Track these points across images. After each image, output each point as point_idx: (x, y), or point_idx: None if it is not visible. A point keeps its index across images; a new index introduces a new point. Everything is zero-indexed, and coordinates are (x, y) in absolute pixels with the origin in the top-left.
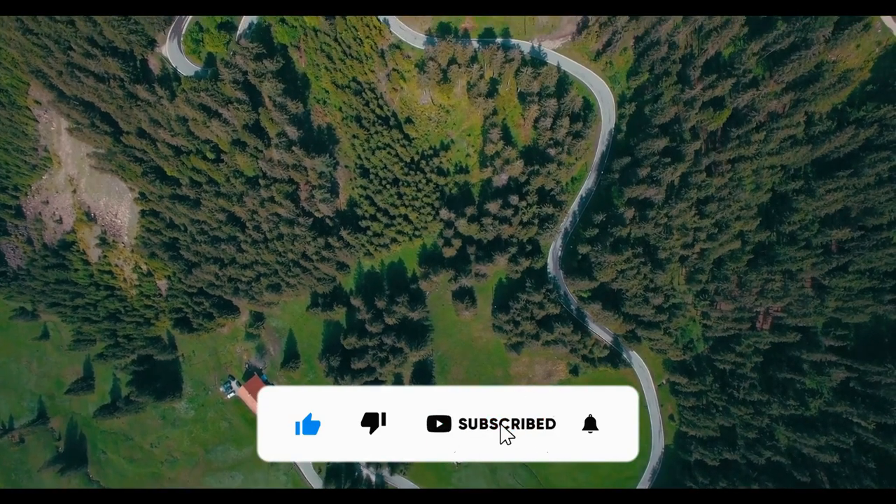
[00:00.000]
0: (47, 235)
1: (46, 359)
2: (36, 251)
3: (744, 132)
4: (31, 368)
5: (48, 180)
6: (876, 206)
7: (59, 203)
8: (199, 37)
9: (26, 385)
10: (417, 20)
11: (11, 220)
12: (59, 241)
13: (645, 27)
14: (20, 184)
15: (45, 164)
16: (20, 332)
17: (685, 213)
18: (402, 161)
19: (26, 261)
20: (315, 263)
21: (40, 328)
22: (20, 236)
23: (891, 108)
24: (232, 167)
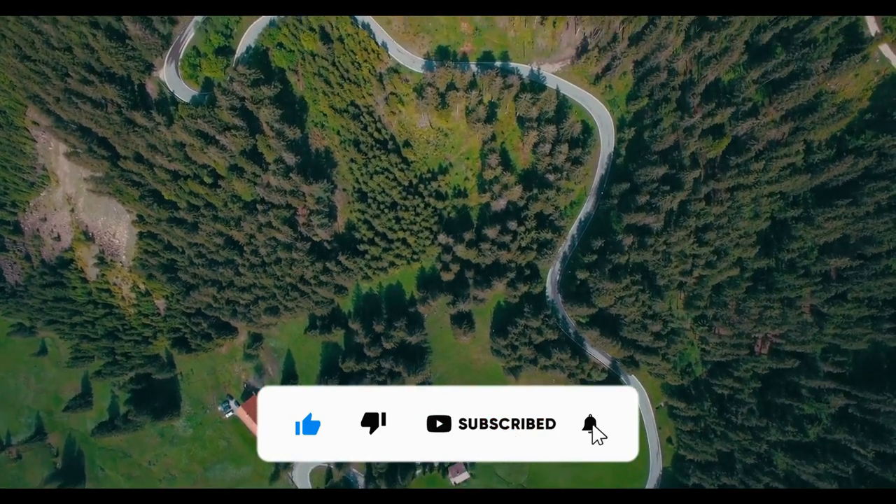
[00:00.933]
0: (45, 252)
1: (44, 374)
2: (34, 267)
3: (743, 161)
4: (28, 384)
5: (46, 197)
6: (875, 234)
7: (58, 220)
8: (197, 61)
9: (24, 401)
10: (416, 43)
11: (9, 236)
12: (58, 258)
13: (644, 52)
14: (18, 200)
15: (44, 182)
16: (18, 348)
17: (684, 240)
18: (401, 185)
19: (24, 277)
20: (313, 287)
21: (38, 344)
22: (18, 252)
23: (889, 139)
24: (229, 192)
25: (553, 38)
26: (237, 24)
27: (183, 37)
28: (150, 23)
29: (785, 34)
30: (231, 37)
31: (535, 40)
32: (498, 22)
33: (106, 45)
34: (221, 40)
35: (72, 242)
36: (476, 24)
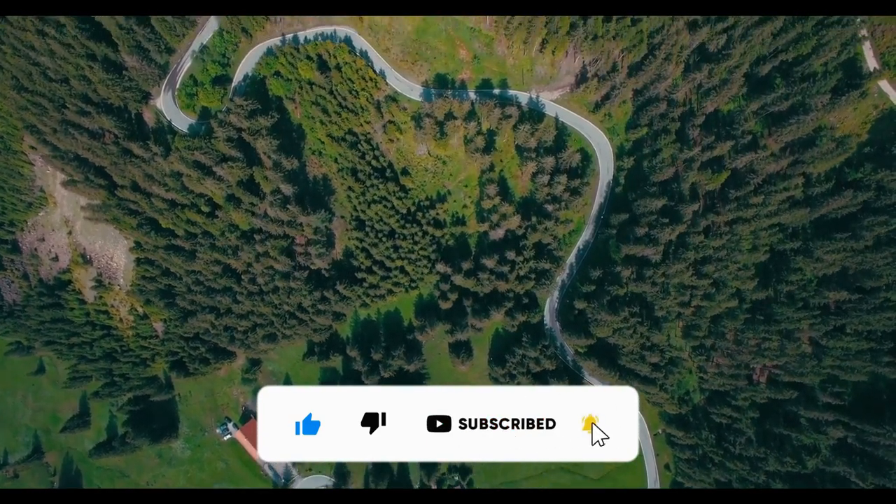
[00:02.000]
0: (43, 271)
1: (42, 393)
2: (32, 287)
3: (742, 194)
4: (26, 403)
5: (44, 217)
6: (874, 268)
7: (55, 241)
8: (193, 90)
9: (21, 419)
10: (414, 71)
11: (7, 254)
12: (55, 278)
13: (643, 82)
14: (16, 219)
15: (41, 203)
16: (16, 367)
17: (682, 273)
18: (398, 213)
19: (22, 296)
20: (311, 316)
21: (36, 363)
22: (16, 271)
23: (888, 173)
24: (227, 221)
25: (552, 65)
26: (234, 53)
27: (180, 66)
28: (146, 53)
29: (784, 67)
30: (228, 65)
31: (534, 68)
32: (497, 49)
33: (102, 77)
34: (218, 69)
35: (69, 264)
36: (475, 51)
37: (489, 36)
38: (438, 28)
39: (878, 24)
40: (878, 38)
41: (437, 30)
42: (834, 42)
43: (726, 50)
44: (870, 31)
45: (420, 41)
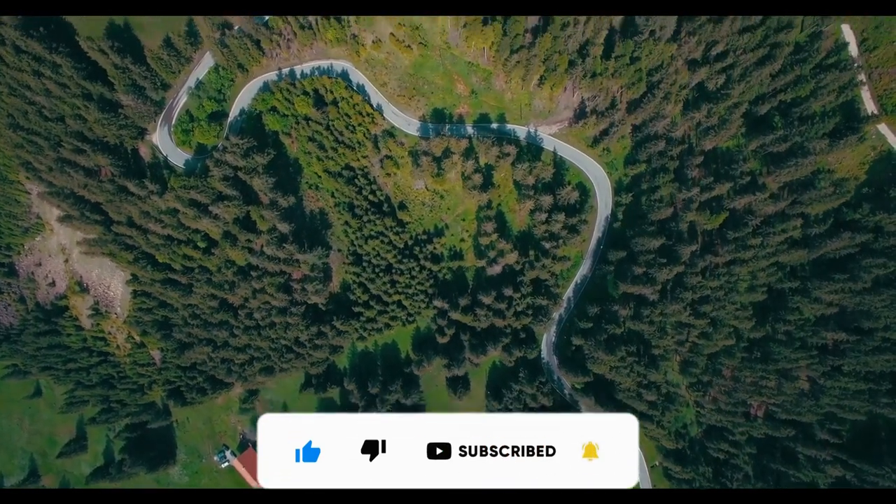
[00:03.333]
0: (40, 295)
1: (39, 416)
2: (28, 311)
3: (741, 235)
4: (22, 426)
5: (41, 242)
6: (872, 309)
7: (52, 266)
8: (189, 127)
9: (17, 442)
10: (411, 106)
11: (3, 278)
12: (52, 304)
13: (642, 118)
14: (12, 243)
15: (38, 229)
16: (12, 390)
17: (679, 312)
18: (396, 248)
19: (19, 319)
20: (308, 350)
21: (33, 385)
22: (13, 294)
23: (886, 216)
24: (223, 258)
25: (550, 100)
26: (230, 88)
27: (176, 101)
28: (142, 91)
29: (783, 107)
30: (224, 100)
31: (533, 102)
32: (495, 83)
33: (98, 117)
34: (214, 105)
35: (66, 291)
36: (472, 85)
37: (487, 70)
38: (436, 62)
39: (876, 66)
40: (875, 81)
41: (435, 64)
42: (832, 85)
43: (725, 89)
44: (867, 73)
45: (417, 76)
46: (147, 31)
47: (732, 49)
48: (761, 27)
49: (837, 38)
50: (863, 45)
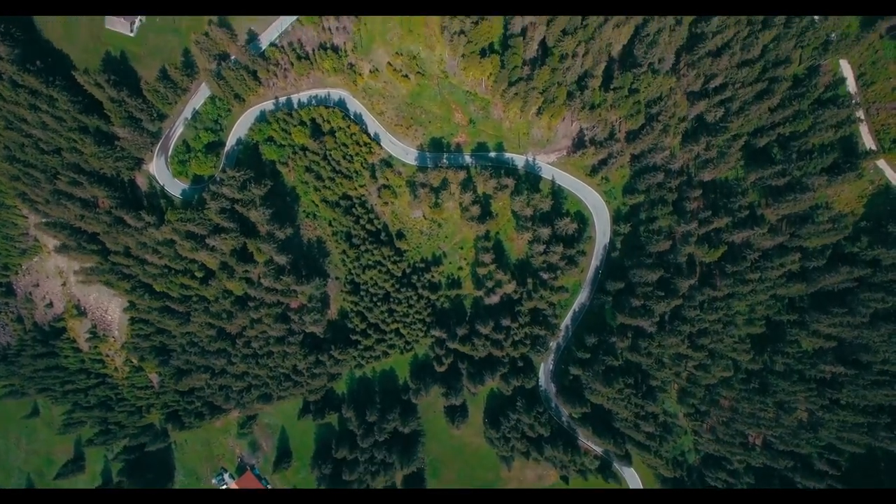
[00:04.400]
0: (37, 315)
1: (36, 436)
2: (26, 331)
3: (739, 270)
4: (19, 445)
5: (38, 263)
6: (871, 343)
7: (50, 287)
8: (186, 157)
9: (14, 462)
10: (409, 135)
11: (1, 297)
12: (50, 326)
13: (641, 148)
14: (10, 263)
15: (35, 250)
16: (9, 409)
17: (677, 345)
18: (393, 277)
19: (16, 339)
20: (306, 378)
21: (30, 405)
22: (10, 314)
23: (884, 251)
24: (220, 288)
25: (549, 128)
26: (227, 117)
27: (172, 130)
28: (138, 123)
29: (782, 139)
30: (221, 130)
31: (531, 131)
32: (493, 112)
33: (94, 150)
34: (210, 136)
35: (64, 313)
36: (470, 114)
37: (485, 99)
38: (433, 92)
39: (873, 101)
40: (873, 116)
41: (433, 93)
42: (830, 121)
43: (724, 122)
44: (865, 108)
45: (415, 105)
46: (143, 63)
47: (731, 82)
48: (759, 61)
49: (835, 73)
50: (860, 79)
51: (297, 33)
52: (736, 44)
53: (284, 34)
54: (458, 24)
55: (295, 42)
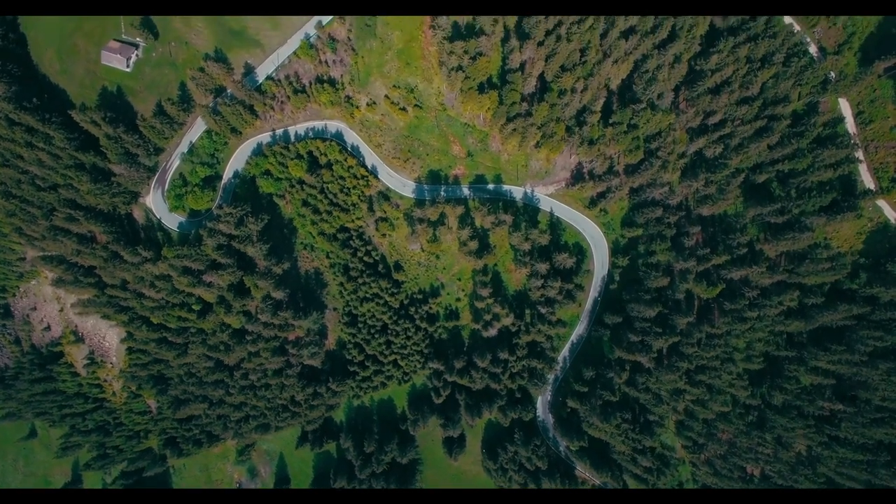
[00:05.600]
0: (35, 337)
1: (34, 457)
2: (24, 352)
3: (738, 308)
4: (16, 467)
5: (36, 286)
6: (869, 381)
7: (47, 311)
8: (182, 191)
9: (11, 483)
10: (406, 168)
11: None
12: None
13: (640, 182)
14: (7, 286)
15: (33, 274)
16: (6, 431)
17: (675, 381)
18: (391, 309)
19: (13, 361)
20: (304, 409)
21: (27, 427)
22: (8, 335)
23: (882, 290)
24: (218, 321)
25: (547, 161)
26: (223, 149)
27: (169, 164)
28: (134, 158)
29: (781, 176)
30: (217, 163)
31: (529, 163)
32: (491, 145)
33: (90, 188)
34: (207, 170)
35: (61, 338)
36: (468, 147)
37: (483, 132)
38: (431, 124)
39: (872, 139)
40: (871, 154)
41: (430, 126)
42: (829, 160)
43: (723, 158)
44: (863, 146)
45: (412, 137)
46: (140, 97)
47: (730, 119)
48: (758, 99)
49: (834, 110)
50: (858, 117)
51: (293, 66)
52: (735, 81)
53: (281, 67)
54: (456, 60)
55: (292, 75)
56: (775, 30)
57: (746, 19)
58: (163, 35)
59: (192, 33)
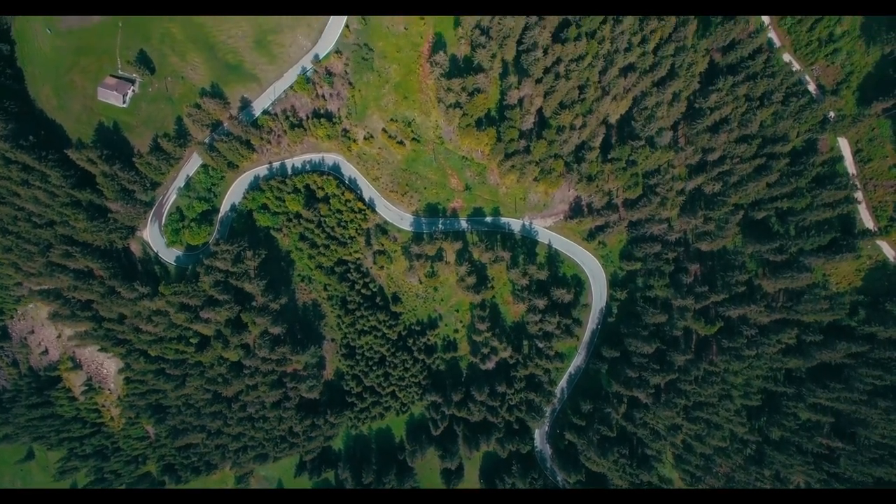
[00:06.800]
0: (33, 360)
1: (31, 479)
2: (21, 375)
3: (736, 346)
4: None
5: (34, 309)
6: (868, 419)
7: (45, 335)
8: (179, 226)
9: None
10: (404, 201)
11: None
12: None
13: (639, 217)
14: (5, 308)
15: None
16: (4, 454)
17: (673, 417)
18: (389, 340)
19: (11, 383)
20: (302, 440)
21: (25, 449)
22: (5, 358)
23: (881, 329)
24: (216, 355)
25: (546, 194)
26: (220, 183)
27: (166, 197)
28: (131, 194)
29: (780, 213)
30: (214, 197)
31: (528, 196)
32: (489, 178)
33: (87, 226)
34: (204, 205)
35: (59, 363)
36: (466, 180)
37: (481, 165)
38: (429, 157)
39: (871, 178)
40: (870, 192)
41: (428, 159)
42: (828, 200)
43: (722, 195)
44: (862, 184)
45: (410, 170)
46: (136, 132)
47: (729, 156)
48: (757, 138)
49: (833, 146)
50: (857, 155)
51: (290, 100)
52: (734, 119)
53: (278, 101)
54: (454, 97)
55: (288, 109)
56: (774, 69)
57: (745, 57)
58: (159, 70)
59: (188, 68)
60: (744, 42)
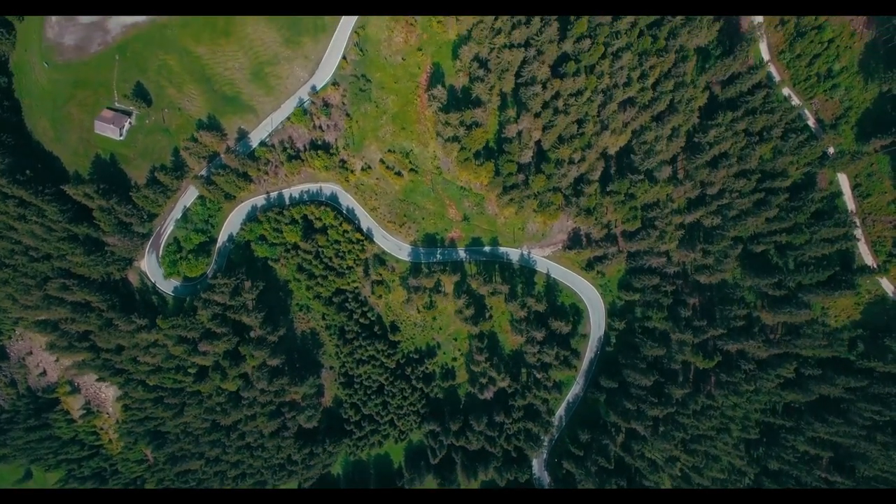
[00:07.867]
0: (31, 380)
1: None
2: (19, 395)
3: (734, 381)
4: None
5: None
6: (868, 453)
7: (43, 357)
8: (176, 258)
9: None
10: (402, 231)
11: None
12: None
13: (637, 248)
14: (3, 328)
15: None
16: (2, 473)
17: (671, 449)
18: (387, 369)
19: (9, 403)
20: (300, 468)
21: (23, 470)
22: (3, 378)
23: (880, 364)
24: (214, 385)
25: (544, 224)
26: (217, 214)
27: (163, 228)
28: (128, 227)
29: (779, 246)
30: (212, 227)
31: (526, 226)
32: (487, 208)
33: (83, 260)
34: (201, 237)
35: (57, 387)
36: (464, 210)
37: (479, 195)
38: (427, 188)
39: (869, 213)
40: (869, 227)
41: (426, 189)
42: (827, 235)
43: (721, 229)
44: (860, 217)
45: (408, 201)
46: (133, 164)
47: (728, 190)
48: (756, 172)
49: (832, 180)
50: (856, 190)
51: (287, 131)
52: (733, 155)
53: (275, 132)
54: (452, 131)
55: (286, 140)
56: (773, 104)
57: (744, 92)
58: (156, 102)
59: (185, 99)
60: (743, 76)
